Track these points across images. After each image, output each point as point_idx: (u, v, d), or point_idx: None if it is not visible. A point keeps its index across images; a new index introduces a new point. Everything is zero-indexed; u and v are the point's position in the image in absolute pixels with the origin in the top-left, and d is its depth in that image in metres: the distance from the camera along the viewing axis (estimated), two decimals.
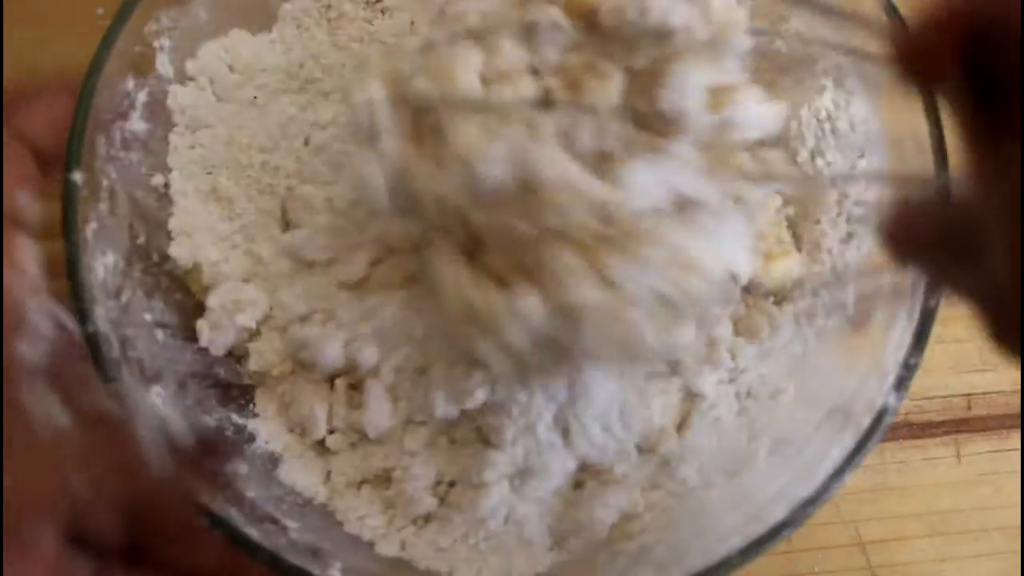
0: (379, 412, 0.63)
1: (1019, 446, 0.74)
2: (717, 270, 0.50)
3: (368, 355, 0.63)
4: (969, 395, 0.58)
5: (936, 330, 0.56)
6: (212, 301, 0.66)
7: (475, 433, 0.67)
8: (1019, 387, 0.74)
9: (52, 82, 0.52)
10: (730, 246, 0.53)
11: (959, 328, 0.76)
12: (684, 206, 0.49)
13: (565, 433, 0.63)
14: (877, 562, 0.71)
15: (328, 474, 0.64)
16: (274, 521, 0.58)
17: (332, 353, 0.63)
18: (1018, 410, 0.74)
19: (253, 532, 0.54)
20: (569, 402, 0.62)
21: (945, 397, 0.59)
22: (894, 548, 0.71)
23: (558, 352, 0.50)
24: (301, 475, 0.64)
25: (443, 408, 0.61)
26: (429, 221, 0.50)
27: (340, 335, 0.63)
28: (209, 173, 0.69)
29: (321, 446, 0.66)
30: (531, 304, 0.47)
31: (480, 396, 0.60)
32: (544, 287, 0.47)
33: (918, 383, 0.56)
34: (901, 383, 0.55)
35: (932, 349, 0.56)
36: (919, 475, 0.73)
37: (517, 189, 0.47)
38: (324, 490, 0.64)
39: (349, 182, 0.65)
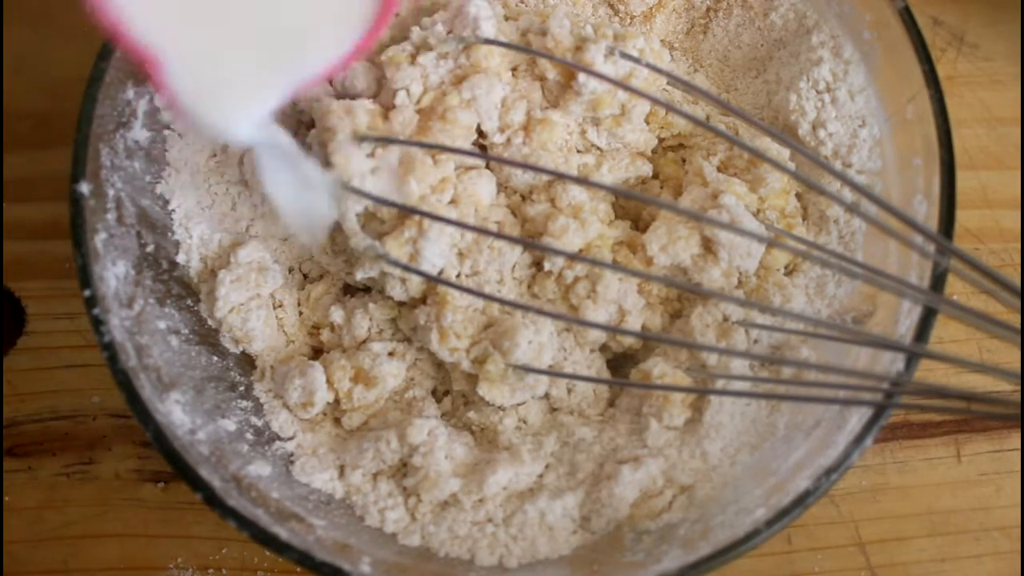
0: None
1: (1019, 446, 0.74)
2: None
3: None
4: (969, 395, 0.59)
5: (936, 331, 0.57)
6: (241, 255, 0.68)
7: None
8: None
9: None
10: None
11: (959, 328, 0.76)
12: None
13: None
14: (877, 562, 0.71)
15: (342, 468, 0.65)
16: (300, 520, 0.59)
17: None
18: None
19: (281, 532, 0.54)
20: None
21: (945, 397, 0.60)
22: (894, 548, 0.71)
23: None
24: (316, 472, 0.64)
25: None
26: None
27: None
28: (213, 155, 0.71)
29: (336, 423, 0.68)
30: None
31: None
32: None
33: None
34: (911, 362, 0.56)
35: (932, 349, 0.56)
36: (919, 475, 0.73)
37: None
38: (341, 486, 0.64)
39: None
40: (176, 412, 0.58)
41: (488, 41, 0.65)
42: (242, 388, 0.67)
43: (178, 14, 0.47)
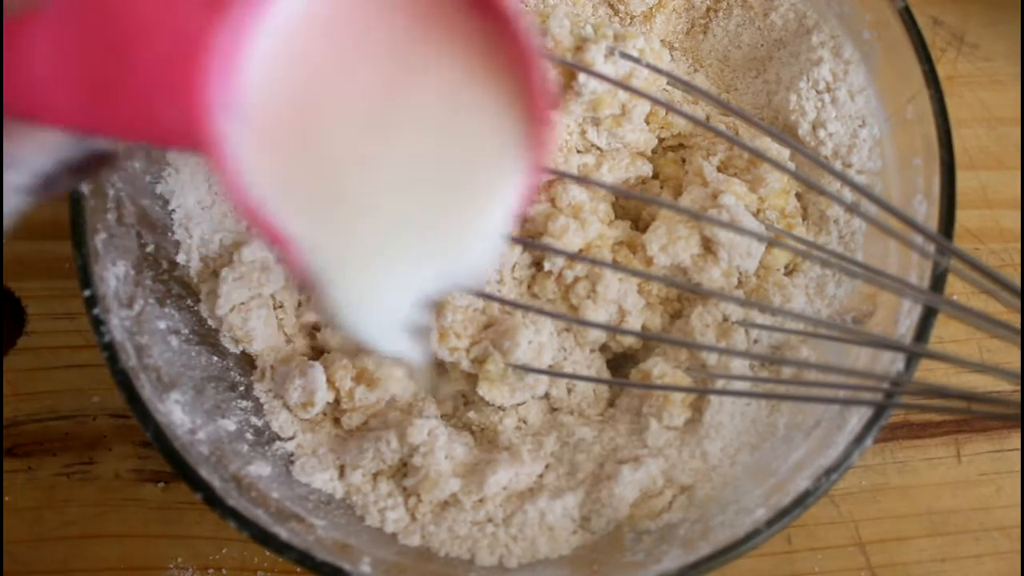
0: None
1: (1019, 446, 0.74)
2: None
3: None
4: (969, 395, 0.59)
5: (936, 330, 0.57)
6: (245, 254, 0.67)
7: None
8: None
9: None
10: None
11: (959, 328, 0.76)
12: None
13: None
14: (877, 562, 0.71)
15: (342, 468, 0.65)
16: (300, 520, 0.59)
17: None
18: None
19: (281, 531, 0.54)
20: None
21: (945, 397, 0.60)
22: (894, 548, 0.71)
23: None
24: (316, 472, 0.64)
25: None
26: None
27: None
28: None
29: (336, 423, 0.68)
30: None
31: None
32: None
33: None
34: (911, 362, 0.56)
35: (932, 349, 0.56)
36: (919, 475, 0.73)
37: None
38: (341, 486, 0.64)
39: None
40: (176, 412, 0.58)
41: None
42: (242, 388, 0.67)
43: (317, 204, 0.41)
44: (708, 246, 0.65)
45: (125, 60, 0.36)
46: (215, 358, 0.66)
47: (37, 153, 0.38)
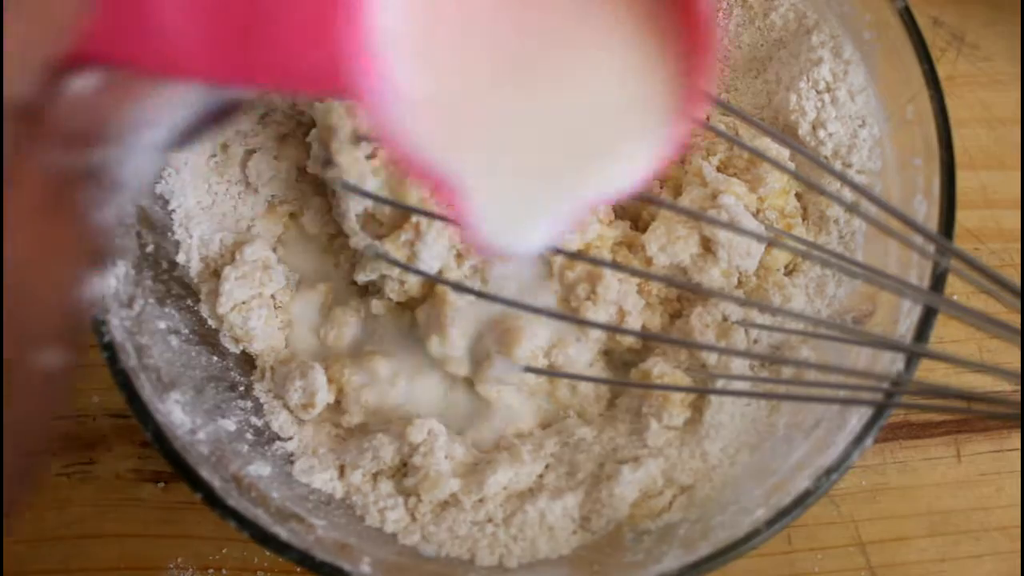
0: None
1: (1019, 446, 0.74)
2: None
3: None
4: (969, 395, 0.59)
5: (936, 330, 0.57)
6: (247, 253, 0.68)
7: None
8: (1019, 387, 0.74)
9: None
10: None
11: (959, 328, 0.75)
12: None
13: None
14: (877, 562, 0.71)
15: (342, 468, 0.65)
16: (300, 520, 0.59)
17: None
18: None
19: (281, 532, 0.54)
20: None
21: (945, 397, 0.59)
22: (894, 548, 0.71)
23: None
24: (316, 472, 0.64)
25: None
26: None
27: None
28: (213, 155, 0.71)
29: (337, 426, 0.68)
30: None
31: None
32: None
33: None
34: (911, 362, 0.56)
35: (932, 349, 0.56)
36: (919, 475, 0.73)
37: None
38: (341, 486, 0.64)
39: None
40: (176, 412, 0.58)
41: None
42: (242, 388, 0.67)
43: (473, 139, 0.44)
44: (708, 246, 0.65)
45: (263, 3, 0.36)
46: (215, 358, 0.66)
47: (173, 109, 0.37)
